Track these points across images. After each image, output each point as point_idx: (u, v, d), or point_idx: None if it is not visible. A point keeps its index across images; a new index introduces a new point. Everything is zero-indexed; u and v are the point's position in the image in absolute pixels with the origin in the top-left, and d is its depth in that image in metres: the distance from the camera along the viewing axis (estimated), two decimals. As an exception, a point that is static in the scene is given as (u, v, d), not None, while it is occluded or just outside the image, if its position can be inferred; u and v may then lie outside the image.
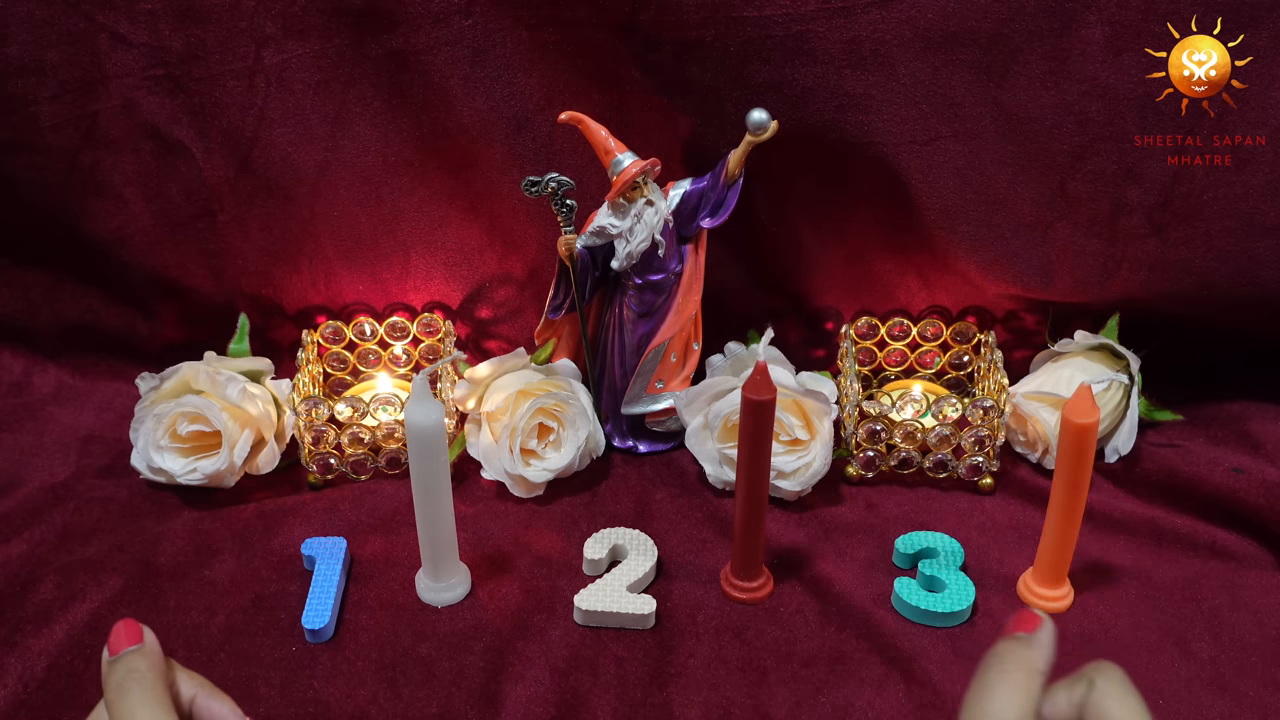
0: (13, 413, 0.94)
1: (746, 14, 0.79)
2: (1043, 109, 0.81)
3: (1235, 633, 0.73)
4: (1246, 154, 0.80)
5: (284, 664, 0.71)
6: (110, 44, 0.82)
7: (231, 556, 0.79)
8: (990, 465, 0.85)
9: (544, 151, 0.86)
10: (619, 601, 0.74)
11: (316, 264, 0.92)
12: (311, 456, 0.85)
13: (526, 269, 0.93)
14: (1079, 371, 0.88)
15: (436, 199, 0.90)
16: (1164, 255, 0.85)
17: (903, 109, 0.82)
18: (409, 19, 0.81)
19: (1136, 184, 0.82)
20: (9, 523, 0.82)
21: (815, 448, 0.82)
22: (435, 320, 0.94)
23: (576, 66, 0.84)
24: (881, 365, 0.95)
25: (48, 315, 0.96)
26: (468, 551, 0.79)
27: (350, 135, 0.86)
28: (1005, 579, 0.77)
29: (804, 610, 0.75)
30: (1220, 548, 0.80)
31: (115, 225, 0.90)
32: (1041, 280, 0.88)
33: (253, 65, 0.83)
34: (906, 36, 0.79)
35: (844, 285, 0.93)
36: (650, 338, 0.86)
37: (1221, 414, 0.90)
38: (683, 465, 0.89)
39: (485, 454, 0.86)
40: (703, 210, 0.83)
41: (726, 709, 0.68)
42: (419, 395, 0.69)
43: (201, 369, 0.84)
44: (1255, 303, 0.86)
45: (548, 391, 0.84)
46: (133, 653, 0.51)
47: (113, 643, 0.51)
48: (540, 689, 0.69)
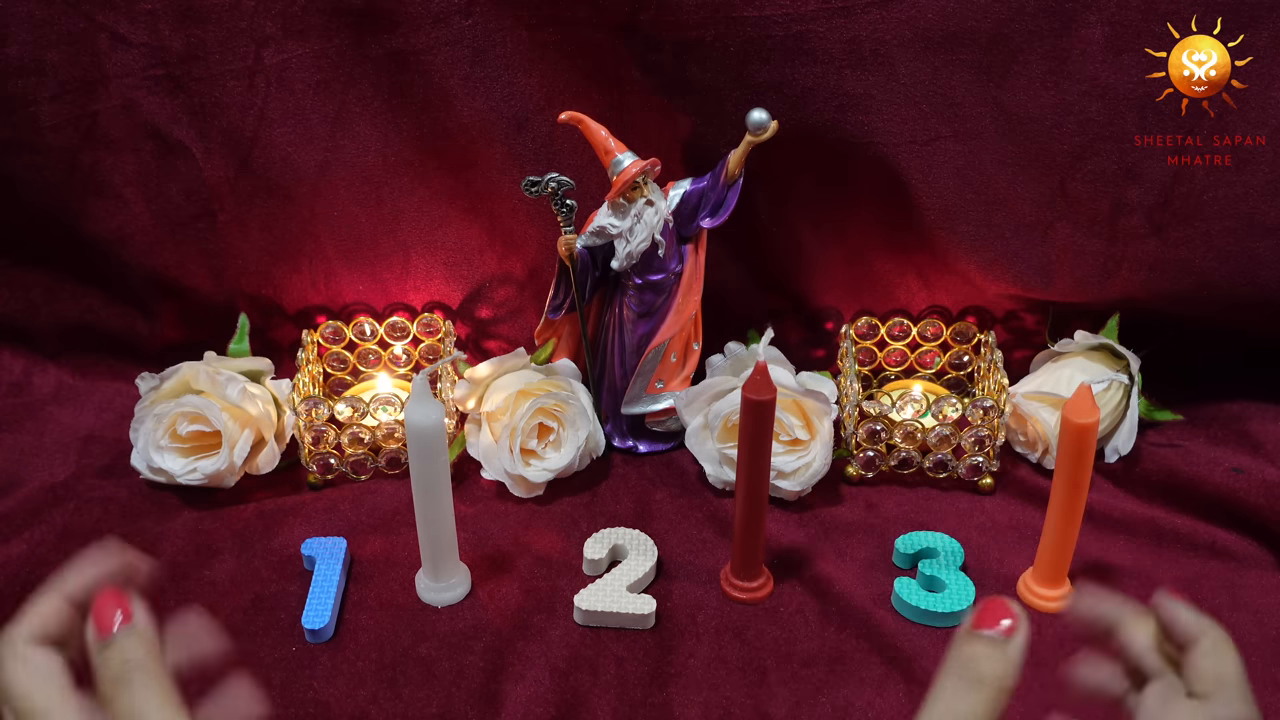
0: (13, 413, 0.94)
1: (746, 14, 0.79)
2: (1043, 109, 0.81)
3: (1235, 633, 0.71)
4: (1246, 154, 0.80)
5: (284, 664, 0.71)
6: (110, 44, 0.82)
7: (231, 556, 0.79)
8: (990, 465, 0.85)
9: (544, 151, 0.86)
10: (619, 601, 0.74)
11: (316, 264, 0.92)
12: (311, 456, 0.85)
13: (526, 269, 0.93)
14: (1079, 371, 0.88)
15: (436, 199, 0.90)
16: (1164, 255, 0.85)
17: (903, 109, 0.82)
18: (409, 19, 0.81)
19: (1136, 184, 0.82)
20: (9, 523, 0.82)
21: (815, 448, 0.82)
22: (435, 320, 0.94)
23: (576, 66, 0.84)
24: (881, 365, 0.95)
25: (48, 315, 0.96)
26: (468, 551, 0.79)
27: (350, 135, 0.86)
28: (1005, 579, 0.77)
29: (804, 610, 0.75)
30: (1220, 548, 0.80)
31: (115, 225, 0.90)
32: (1041, 280, 0.88)
33: (253, 65, 0.83)
34: (906, 36, 0.79)
35: (844, 285, 0.93)
36: (650, 338, 0.86)
37: (1221, 414, 0.90)
38: (683, 465, 0.89)
39: (485, 454, 0.86)
40: (703, 210, 0.83)
41: (726, 709, 0.68)
42: (419, 395, 0.69)
43: (201, 369, 0.84)
44: (1255, 303, 0.86)
45: (548, 391, 0.84)
46: (127, 636, 0.44)
47: (101, 622, 0.44)
48: (540, 689, 0.69)
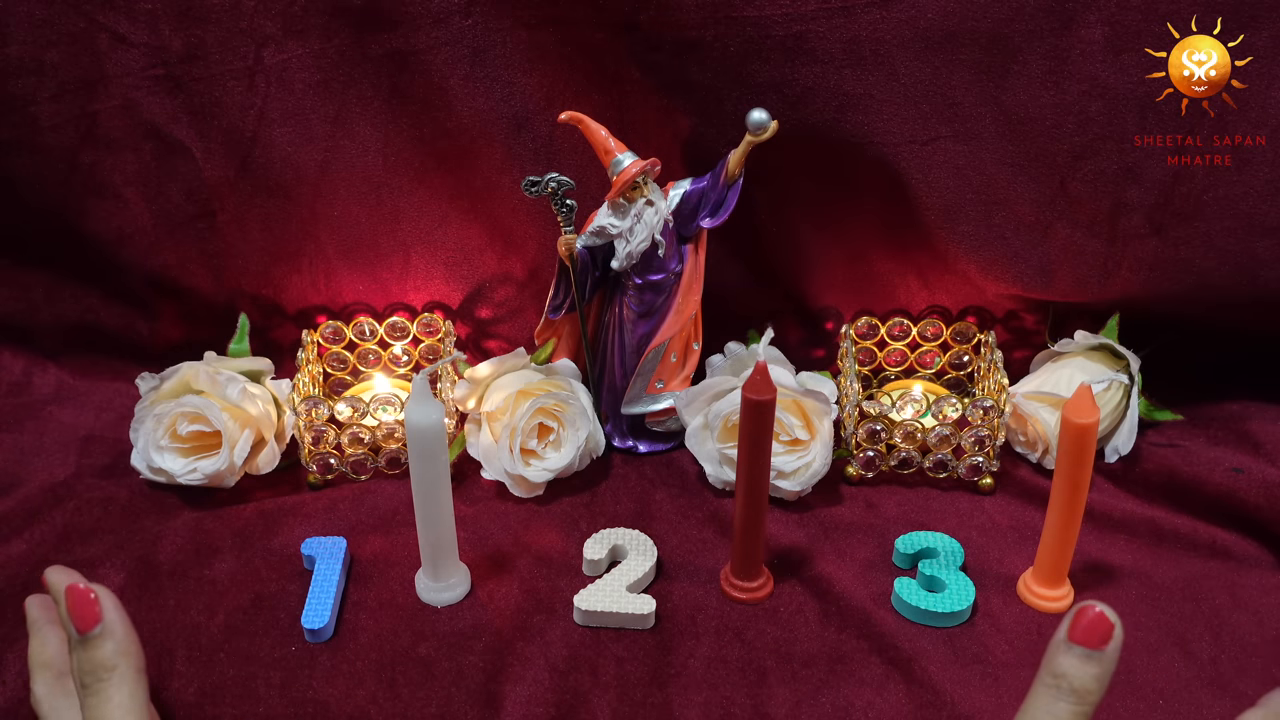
0: (13, 413, 0.94)
1: (746, 14, 0.79)
2: (1043, 109, 0.81)
3: (1235, 633, 0.73)
4: (1246, 154, 0.80)
5: (284, 664, 0.71)
6: (110, 44, 0.82)
7: (231, 556, 0.79)
8: (990, 465, 0.85)
9: (544, 151, 0.86)
10: (619, 601, 0.74)
11: (316, 264, 0.92)
12: (311, 456, 0.85)
13: (526, 269, 0.93)
14: (1079, 371, 0.88)
15: (436, 199, 0.90)
16: (1164, 255, 0.85)
17: (903, 109, 0.82)
18: (409, 19, 0.81)
19: (1136, 184, 0.82)
20: (9, 523, 0.82)
21: (815, 448, 0.82)
22: (435, 320, 0.94)
23: (576, 66, 0.84)
24: (881, 365, 0.95)
25: (48, 315, 0.96)
26: (468, 551, 0.79)
27: (350, 135, 0.86)
28: (1005, 579, 0.77)
29: (804, 610, 0.75)
30: (1220, 548, 0.80)
31: (115, 225, 0.90)
32: (1041, 280, 0.88)
33: (253, 65, 0.83)
34: (906, 36, 0.79)
35: (844, 285, 0.93)
36: (650, 338, 0.86)
37: (1221, 414, 0.90)
38: (683, 465, 0.89)
39: (485, 454, 0.86)
40: (703, 210, 0.83)
41: (726, 709, 0.68)
42: (419, 395, 0.69)
43: (201, 369, 0.84)
44: (1255, 303, 0.86)
45: (548, 391, 0.84)
46: (112, 642, 0.45)
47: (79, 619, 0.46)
48: (540, 689, 0.69)
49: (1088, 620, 0.45)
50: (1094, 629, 0.44)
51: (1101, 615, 0.44)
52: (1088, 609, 0.45)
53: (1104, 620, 0.44)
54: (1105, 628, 0.44)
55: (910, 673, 0.70)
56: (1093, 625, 0.44)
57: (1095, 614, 0.45)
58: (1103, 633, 0.44)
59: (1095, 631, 0.44)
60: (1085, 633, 0.44)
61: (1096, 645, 0.44)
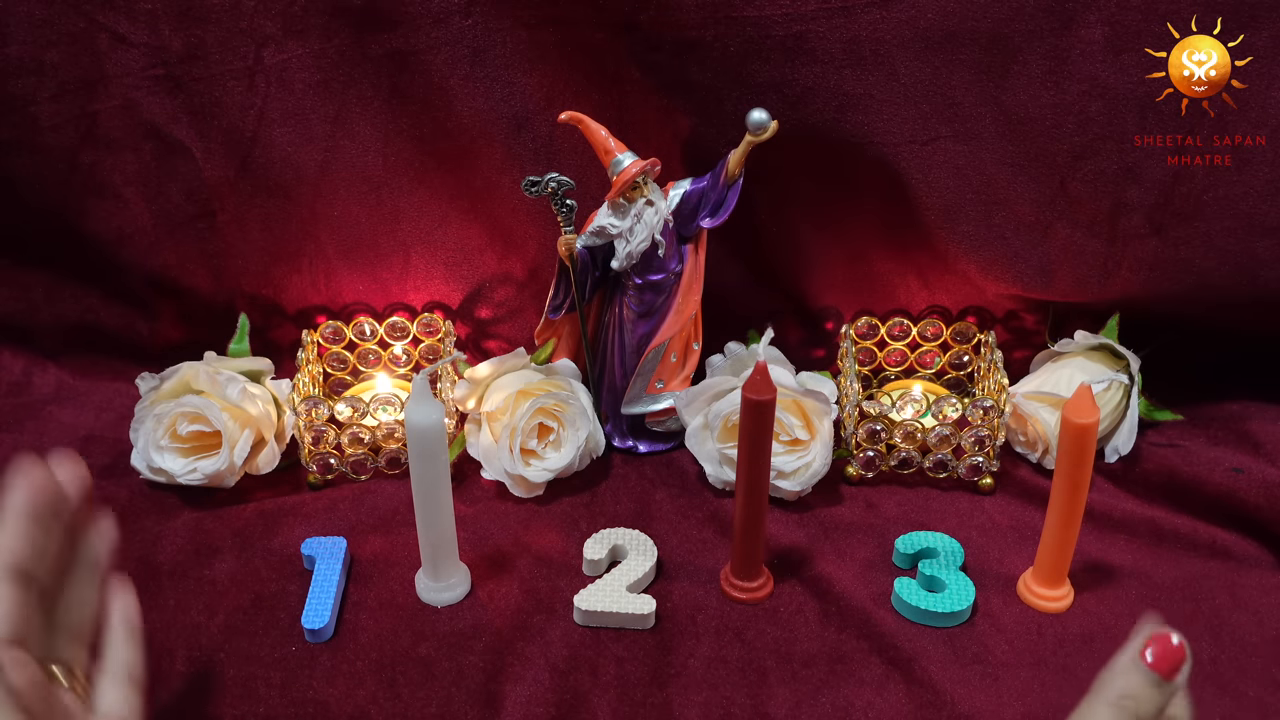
0: (13, 413, 0.94)
1: (746, 14, 0.79)
2: (1043, 109, 0.81)
3: (1235, 633, 0.73)
4: (1246, 154, 0.80)
5: (284, 664, 0.71)
6: (110, 44, 0.82)
7: (231, 556, 0.79)
8: (990, 465, 0.85)
9: (544, 151, 0.86)
10: (619, 601, 0.74)
11: (316, 264, 0.92)
12: (311, 456, 0.85)
13: (526, 269, 0.93)
14: (1079, 371, 0.88)
15: (436, 199, 0.90)
16: (1164, 255, 0.85)
17: (903, 109, 0.82)
18: (409, 19, 0.81)
19: (1136, 184, 0.82)
20: (9, 523, 0.82)
21: (815, 448, 0.82)
22: (435, 320, 0.94)
23: (576, 66, 0.84)
24: (881, 365, 0.95)
25: (48, 315, 0.96)
26: (468, 551, 0.79)
27: (350, 135, 0.86)
28: (1005, 579, 0.77)
29: (804, 610, 0.75)
30: (1220, 548, 0.80)
31: (115, 225, 0.90)
32: (1041, 280, 0.88)
33: (253, 65, 0.83)
34: (906, 36, 0.79)
35: (844, 285, 0.93)
36: (650, 338, 0.86)
37: (1221, 414, 0.90)
38: (683, 465, 0.89)
39: (485, 454, 0.86)
40: (703, 210, 0.83)
41: (726, 709, 0.68)
42: (419, 395, 0.69)
43: (201, 369, 0.84)
44: (1255, 303, 0.86)
45: (548, 391, 0.84)
46: None
47: None
48: (540, 689, 0.69)
49: (1168, 648, 0.44)
50: (1172, 658, 0.44)
51: (1181, 646, 0.44)
52: (1168, 636, 0.45)
53: (1181, 651, 0.44)
54: (1180, 658, 0.44)
55: (910, 673, 0.70)
56: (1172, 654, 0.44)
57: (1176, 643, 0.44)
58: (1178, 663, 0.44)
59: (1172, 660, 0.44)
60: (1162, 660, 0.44)
61: (1169, 675, 0.44)
